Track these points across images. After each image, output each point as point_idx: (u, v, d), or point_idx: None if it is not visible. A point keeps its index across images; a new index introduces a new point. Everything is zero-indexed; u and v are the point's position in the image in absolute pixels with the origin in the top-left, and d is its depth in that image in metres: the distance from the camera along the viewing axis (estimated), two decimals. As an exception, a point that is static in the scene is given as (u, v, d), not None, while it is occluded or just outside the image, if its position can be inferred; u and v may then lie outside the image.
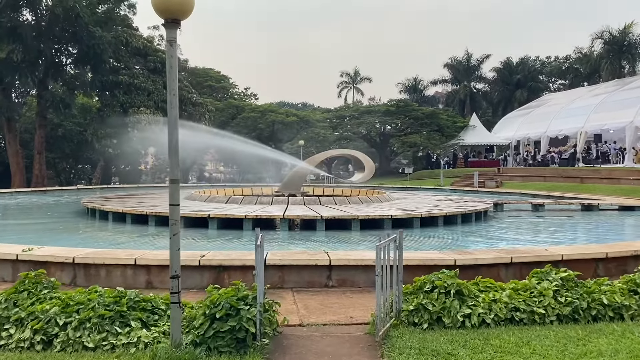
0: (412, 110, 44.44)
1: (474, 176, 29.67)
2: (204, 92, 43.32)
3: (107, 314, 4.25)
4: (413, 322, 4.54)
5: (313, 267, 6.37)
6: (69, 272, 6.49)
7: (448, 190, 27.04)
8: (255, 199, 14.65)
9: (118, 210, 12.93)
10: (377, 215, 12.01)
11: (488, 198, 20.38)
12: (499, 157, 45.07)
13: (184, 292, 6.26)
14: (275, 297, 5.97)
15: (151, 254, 6.59)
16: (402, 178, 42.10)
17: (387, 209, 13.59)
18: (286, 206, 13.69)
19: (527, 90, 60.28)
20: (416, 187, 28.22)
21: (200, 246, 9.01)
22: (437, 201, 16.73)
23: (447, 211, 13.21)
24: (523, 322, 4.53)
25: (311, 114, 44.50)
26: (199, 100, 31.30)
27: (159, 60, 29.26)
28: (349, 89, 75.44)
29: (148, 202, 15.26)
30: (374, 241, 9.88)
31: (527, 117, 44.43)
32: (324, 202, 14.63)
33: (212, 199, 15.26)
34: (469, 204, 15.77)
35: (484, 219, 14.62)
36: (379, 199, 16.04)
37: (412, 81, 69.68)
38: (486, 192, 25.78)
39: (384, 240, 4.42)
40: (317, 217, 11.56)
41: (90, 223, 12.81)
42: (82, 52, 24.74)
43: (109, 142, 25.89)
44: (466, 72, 64.48)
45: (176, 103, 3.92)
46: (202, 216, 11.73)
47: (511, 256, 6.84)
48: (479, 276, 5.19)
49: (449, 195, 20.66)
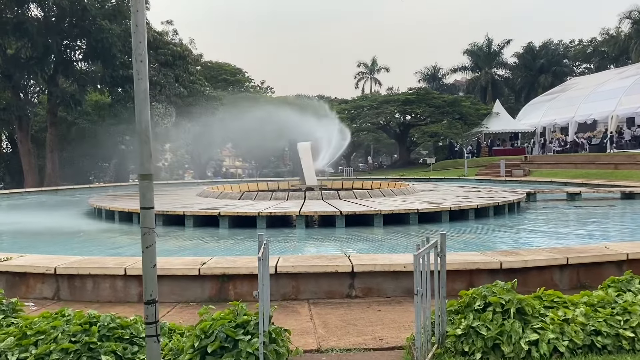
0: (433, 98, 42.88)
1: (500, 165, 28.30)
2: (219, 86, 42.52)
3: (71, 348, 3.34)
4: (462, 351, 3.53)
5: (332, 274, 5.40)
6: (51, 285, 5.63)
7: (473, 180, 25.80)
8: (270, 194, 13.72)
9: (124, 210, 12.13)
10: (402, 209, 10.99)
11: (518, 187, 19.19)
12: (524, 144, 43.40)
13: (180, 307, 5.36)
14: (289, 312, 5.03)
15: (144, 262, 5.67)
16: (424, 169, 40.84)
17: (412, 202, 12.55)
18: (303, 201, 12.74)
19: (551, 75, 58.22)
20: (440, 178, 27.03)
21: (207, 248, 8.11)
22: (464, 192, 15.61)
23: (478, 203, 12.12)
24: (607, 349, 3.49)
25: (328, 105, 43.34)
26: (212, 94, 30.49)
27: (170, 53, 28.46)
28: (366, 79, 73.98)
29: (157, 200, 14.44)
30: (400, 239, 8.86)
31: (553, 103, 42.65)
32: (344, 196, 13.64)
33: (224, 195, 14.40)
34: (500, 194, 14.63)
35: (517, 211, 13.50)
36: (402, 192, 14.99)
37: (431, 69, 68.02)
38: (514, 181, 24.49)
39: (423, 247, 3.43)
40: (336, 213, 10.59)
41: (94, 224, 12.04)
42: (90, 46, 24.06)
43: (122, 138, 25.24)
44: (487, 58, 62.58)
45: (145, 72, 2.95)
46: (212, 214, 10.86)
47: (567, 257, 5.78)
48: (542, 288, 4.13)
49: (476, 186, 19.48)
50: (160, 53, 28.29)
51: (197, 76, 30.20)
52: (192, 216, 11.04)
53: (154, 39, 27.78)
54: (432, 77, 67.55)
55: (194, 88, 29.04)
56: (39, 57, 23.64)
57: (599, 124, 38.47)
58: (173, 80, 28.00)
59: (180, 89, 28.09)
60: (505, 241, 8.58)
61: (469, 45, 63.81)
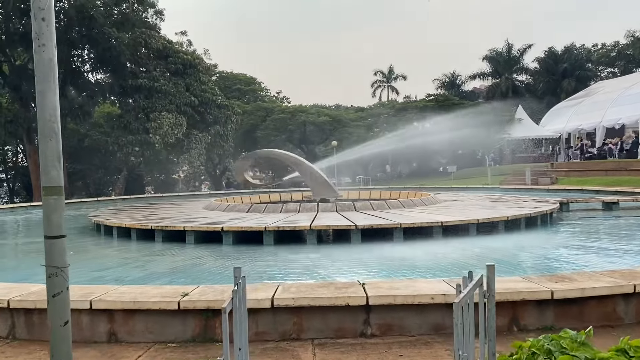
0: (452, 104, 41.57)
1: (525, 173, 26.94)
2: (233, 95, 41.87)
3: None
4: None
5: (343, 308, 4.37)
6: (5, 321, 4.70)
7: (498, 189, 24.49)
8: (280, 206, 12.75)
9: (122, 225, 11.26)
10: (424, 222, 9.92)
11: (548, 196, 17.92)
12: (548, 151, 41.78)
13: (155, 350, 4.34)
14: (287, 357, 4.02)
15: (116, 291, 4.72)
16: (444, 177, 39.52)
17: (434, 213, 11.46)
18: (315, 214, 11.74)
19: (574, 79, 56.42)
20: (462, 187, 25.77)
21: (202, 271, 7.13)
22: (491, 202, 14.45)
23: (508, 214, 10.98)
24: None
25: (344, 113, 42.27)
26: (224, 103, 29.68)
27: (181, 61, 27.78)
28: (383, 87, 72.94)
29: (162, 213, 13.60)
30: (424, 257, 7.79)
31: (578, 108, 41.03)
32: (360, 207, 12.60)
33: (232, 208, 13.47)
34: (530, 204, 13.44)
35: (550, 223, 12.31)
36: (423, 202, 13.90)
37: (449, 77, 66.64)
38: (541, 189, 23.14)
39: (465, 289, 2.39)
40: (351, 227, 9.57)
41: (91, 240, 11.20)
42: (98, 55, 23.51)
43: (131, 149, 24.56)
44: (507, 63, 61.07)
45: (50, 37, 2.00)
46: (214, 229, 9.91)
47: (634, 283, 4.66)
48: (626, 337, 3.03)
49: (502, 195, 18.25)
50: (170, 62, 27.64)
51: (209, 85, 29.47)
52: (193, 232, 10.12)
53: (164, 47, 27.16)
54: (450, 84, 66.16)
55: (205, 97, 28.28)
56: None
57: (627, 129, 36.78)
58: (184, 89, 27.30)
59: (191, 98, 27.35)
60: (545, 260, 7.44)
61: (488, 51, 62.42)
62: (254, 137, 37.08)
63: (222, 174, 45.07)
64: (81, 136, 33.86)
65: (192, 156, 28.99)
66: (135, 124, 25.19)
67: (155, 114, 25.07)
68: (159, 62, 27.12)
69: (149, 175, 46.51)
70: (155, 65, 26.80)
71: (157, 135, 24.65)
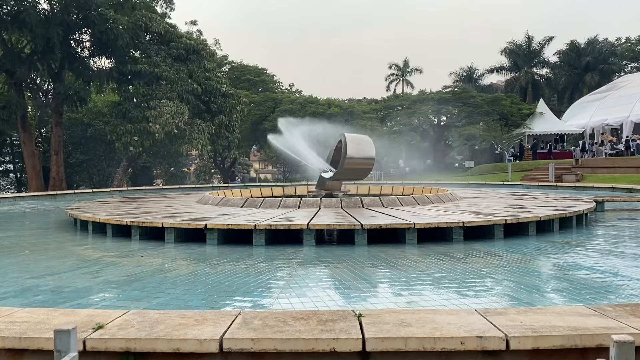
0: (470, 97, 39.53)
1: (548, 169, 25.21)
2: (242, 86, 40.40)
3: None
4: None
5: (328, 355, 2.92)
6: None
7: (519, 185, 22.81)
8: (278, 201, 11.31)
9: (96, 220, 9.92)
10: (442, 222, 8.42)
11: (576, 194, 16.28)
12: (570, 147, 39.77)
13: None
14: None
15: (8, 318, 3.31)
16: (460, 173, 37.84)
17: (454, 211, 9.95)
18: (317, 210, 10.29)
19: (598, 73, 54.18)
20: (481, 183, 24.11)
21: (164, 281, 5.72)
22: (516, 200, 12.87)
23: (540, 214, 9.43)
24: None
25: (356, 105, 40.52)
26: (229, 91, 28.16)
27: (183, 46, 26.31)
28: (397, 81, 71.09)
29: (147, 207, 12.25)
30: (444, 267, 6.22)
31: (603, 102, 39.01)
32: (368, 203, 11.12)
33: (225, 202, 12.07)
34: (562, 202, 11.85)
35: (585, 224, 10.74)
36: (440, 199, 12.37)
37: (466, 70, 64.64)
38: (567, 187, 21.41)
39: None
40: (355, 227, 8.11)
41: (62, 236, 9.87)
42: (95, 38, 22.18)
43: (130, 139, 23.24)
44: (527, 57, 58.95)
45: None
46: (196, 227, 8.51)
47: None
48: None
49: (528, 192, 16.62)
50: (173, 47, 26.19)
51: (214, 72, 28.01)
52: (173, 229, 8.73)
53: (166, 32, 25.71)
54: (467, 78, 64.11)
55: (209, 85, 26.84)
56: (42, 52, 21.88)
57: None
58: (186, 76, 25.85)
59: (194, 85, 25.93)
60: (598, 274, 5.89)
61: (507, 43, 60.38)
62: (261, 129, 35.62)
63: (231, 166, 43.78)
64: (85, 126, 32.80)
65: (194, 146, 27.64)
66: (135, 112, 23.83)
67: (156, 101, 23.69)
68: (160, 47, 25.71)
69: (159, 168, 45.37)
70: (157, 51, 25.41)
71: (157, 124, 23.31)
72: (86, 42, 24.47)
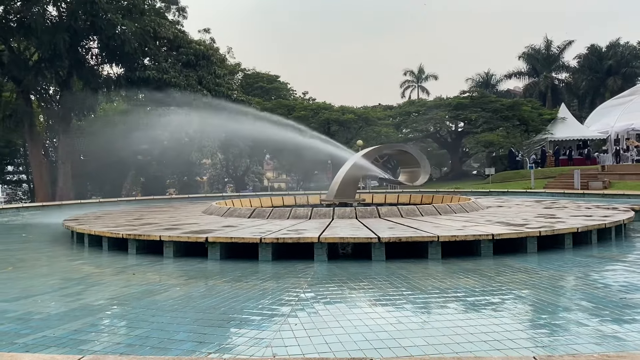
0: (489, 101, 38.33)
1: (573, 176, 24.08)
2: (255, 93, 39.83)
3: None
4: None
5: None
6: None
7: (543, 193, 21.72)
8: (288, 211, 10.51)
9: (91, 232, 9.22)
10: (470, 234, 7.53)
11: (607, 202, 15.23)
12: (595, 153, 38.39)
13: None
14: None
15: None
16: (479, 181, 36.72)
17: (480, 222, 9.05)
18: (329, 221, 9.47)
19: (620, 77, 52.71)
20: (502, 191, 23.06)
21: (150, 306, 4.94)
22: (545, 209, 11.90)
23: (576, 224, 8.49)
24: None
25: (371, 112, 39.62)
26: (240, 98, 27.55)
27: (193, 52, 25.77)
28: (413, 88, 70.29)
29: (147, 218, 11.54)
30: (477, 289, 4.90)
31: (628, 106, 37.64)
32: (385, 213, 10.27)
33: (232, 212, 11.31)
34: (598, 212, 10.89)
35: (625, 236, 9.77)
36: (462, 208, 11.47)
37: (483, 76, 63.65)
38: (595, 195, 20.27)
39: None
40: (372, 240, 7.27)
41: (56, 250, 9.21)
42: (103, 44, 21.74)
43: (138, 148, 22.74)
44: (546, 61, 57.76)
45: None
46: (196, 240, 7.74)
47: None
48: None
49: (555, 201, 15.61)
50: (182, 52, 25.67)
51: (224, 79, 27.40)
52: (172, 242, 7.98)
53: (175, 37, 25.22)
54: (484, 83, 63.02)
55: (219, 91, 26.23)
56: (49, 59, 21.49)
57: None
58: (195, 83, 25.29)
59: (204, 92, 25.35)
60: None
61: (525, 48, 59.30)
62: (274, 137, 34.90)
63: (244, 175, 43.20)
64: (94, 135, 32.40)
65: (203, 154, 27.05)
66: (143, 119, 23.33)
67: (164, 108, 23.18)
68: (169, 53, 25.22)
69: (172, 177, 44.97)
70: (166, 57, 24.92)
71: (165, 132, 22.80)
72: (94, 49, 24.11)
